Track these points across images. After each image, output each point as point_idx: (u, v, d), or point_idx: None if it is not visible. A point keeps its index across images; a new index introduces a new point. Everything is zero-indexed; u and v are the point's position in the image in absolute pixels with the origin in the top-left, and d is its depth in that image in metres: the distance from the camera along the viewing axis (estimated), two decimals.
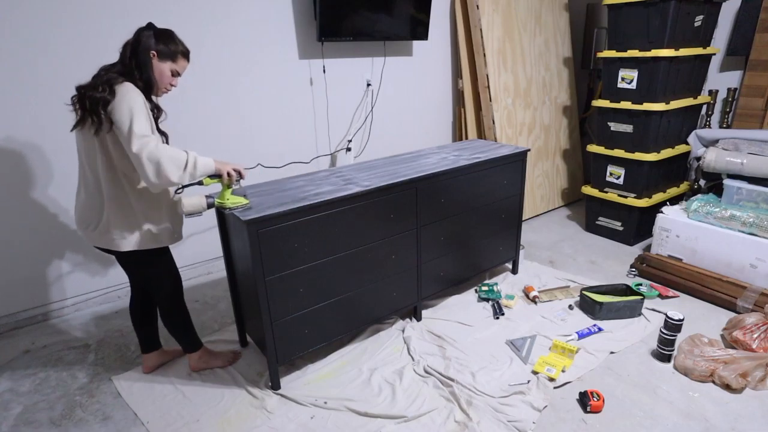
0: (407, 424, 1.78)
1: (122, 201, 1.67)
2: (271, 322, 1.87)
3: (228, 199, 1.79)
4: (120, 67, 1.62)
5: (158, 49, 1.65)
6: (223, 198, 1.79)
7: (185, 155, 1.59)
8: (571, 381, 1.98)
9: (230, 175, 1.75)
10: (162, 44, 1.66)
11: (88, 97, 1.54)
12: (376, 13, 3.10)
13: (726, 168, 2.84)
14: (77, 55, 2.35)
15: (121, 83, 1.57)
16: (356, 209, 1.99)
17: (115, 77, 1.57)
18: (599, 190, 3.42)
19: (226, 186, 1.78)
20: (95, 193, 1.68)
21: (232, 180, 1.76)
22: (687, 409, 1.83)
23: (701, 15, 2.98)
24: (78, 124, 1.60)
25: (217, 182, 1.76)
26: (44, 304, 2.56)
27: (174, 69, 1.71)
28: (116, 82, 1.56)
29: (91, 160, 1.64)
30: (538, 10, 3.74)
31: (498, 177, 2.55)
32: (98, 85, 1.55)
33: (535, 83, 3.77)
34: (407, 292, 2.34)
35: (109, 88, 1.54)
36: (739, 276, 2.58)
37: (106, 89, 1.53)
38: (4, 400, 1.98)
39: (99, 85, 1.55)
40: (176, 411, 1.88)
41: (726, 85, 3.38)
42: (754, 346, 2.05)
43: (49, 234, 2.49)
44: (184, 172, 1.59)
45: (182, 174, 1.59)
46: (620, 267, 3.01)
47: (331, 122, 3.32)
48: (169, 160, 1.54)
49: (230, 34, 2.76)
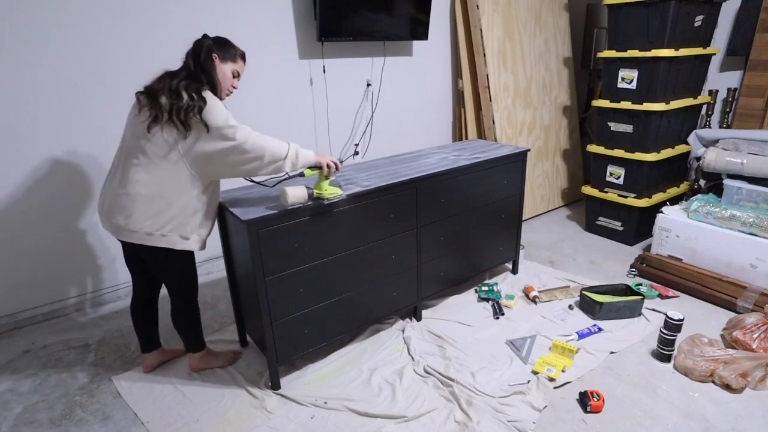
0: (407, 424, 1.78)
1: (186, 201, 1.72)
2: (271, 322, 1.87)
3: (326, 190, 1.86)
4: (185, 73, 1.68)
5: (219, 52, 1.75)
6: (321, 188, 1.85)
7: (287, 146, 1.72)
8: (571, 381, 1.98)
9: (329, 167, 1.84)
10: (221, 47, 1.76)
11: (176, 105, 1.59)
12: (376, 13, 3.10)
13: (726, 168, 2.84)
14: (77, 55, 2.35)
15: (206, 90, 1.66)
16: (356, 209, 1.99)
17: (199, 85, 1.66)
18: (599, 190, 3.42)
19: (324, 177, 1.85)
20: (151, 191, 1.68)
21: (331, 171, 1.85)
22: (687, 409, 1.83)
23: (701, 15, 2.98)
24: (153, 124, 1.62)
25: (317, 173, 1.84)
26: (44, 304, 2.56)
27: (234, 70, 1.81)
28: (203, 89, 1.65)
29: (155, 158, 1.65)
30: (538, 10, 3.74)
31: (498, 177, 2.55)
32: (180, 91, 1.61)
33: (535, 83, 3.77)
34: (407, 292, 2.34)
35: (199, 96, 1.62)
36: (739, 276, 2.58)
37: (198, 98, 1.61)
38: (4, 400, 1.98)
39: (183, 92, 1.61)
40: (176, 411, 1.88)
41: (726, 85, 3.38)
42: (754, 346, 2.05)
43: (48, 234, 2.49)
44: (286, 160, 1.72)
45: (284, 163, 1.72)
46: (620, 267, 3.01)
47: (332, 122, 3.32)
48: (272, 147, 1.69)
49: (230, 34, 2.75)
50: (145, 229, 1.70)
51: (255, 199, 1.90)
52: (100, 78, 2.44)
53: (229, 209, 1.81)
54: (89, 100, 2.44)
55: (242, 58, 1.84)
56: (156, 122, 1.62)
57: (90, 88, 2.43)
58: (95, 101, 2.45)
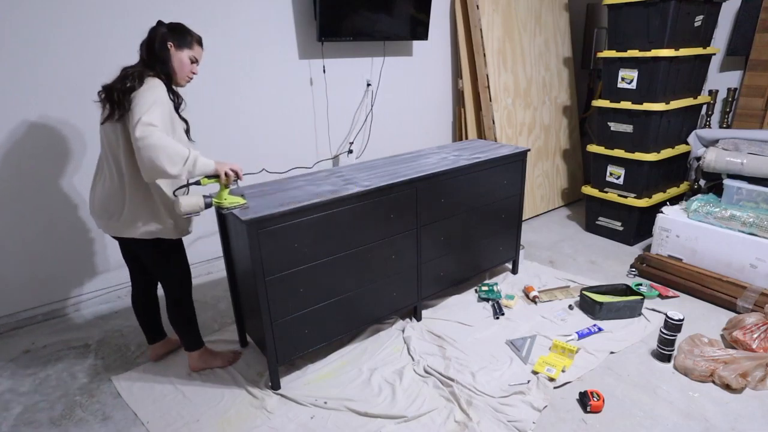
0: (407, 424, 1.78)
1: (146, 192, 1.73)
2: (271, 322, 1.87)
3: (225, 199, 1.79)
4: (141, 65, 1.70)
5: (174, 40, 1.73)
6: (221, 198, 1.79)
7: (186, 151, 1.60)
8: (571, 381, 1.98)
9: (227, 175, 1.75)
10: (177, 35, 1.75)
11: (117, 89, 1.60)
12: (376, 13, 3.10)
13: (726, 168, 2.84)
14: (77, 55, 2.35)
15: (152, 77, 1.66)
16: (356, 209, 1.99)
17: (145, 70, 1.66)
18: (599, 190, 3.42)
19: (224, 186, 1.77)
20: (119, 185, 1.72)
21: (229, 180, 1.76)
22: (687, 409, 1.83)
23: (701, 15, 2.98)
24: (108, 118, 1.65)
25: (215, 182, 1.76)
26: (44, 304, 2.56)
27: (192, 56, 1.79)
28: (146, 74, 1.65)
29: (115, 152, 1.69)
30: (538, 10, 3.74)
31: (498, 177, 2.55)
32: (127, 77, 1.62)
33: (535, 83, 3.77)
34: (407, 292, 2.34)
35: (139, 79, 1.61)
36: (739, 276, 2.58)
37: (135, 80, 1.60)
38: (4, 400, 1.98)
39: (128, 77, 1.61)
40: (176, 411, 1.88)
41: (726, 85, 3.38)
42: (754, 346, 2.05)
43: (48, 234, 2.49)
44: (183, 167, 1.59)
45: (180, 168, 1.59)
46: (620, 267, 3.01)
47: (332, 122, 3.32)
48: (168, 152, 1.54)
49: (230, 34, 2.76)
50: (128, 223, 1.74)
51: (255, 198, 1.90)
52: (100, 78, 2.43)
53: (229, 209, 1.80)
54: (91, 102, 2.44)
55: (199, 44, 1.82)
56: (111, 116, 1.63)
57: (90, 88, 2.43)
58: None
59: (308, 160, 3.29)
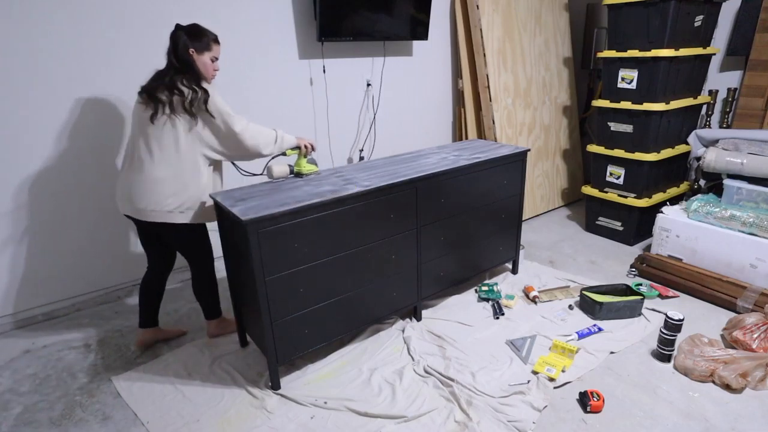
0: (407, 424, 1.78)
1: (199, 183, 1.96)
2: (271, 322, 1.87)
3: (304, 167, 2.16)
4: (173, 70, 1.88)
5: (194, 45, 1.91)
6: (300, 165, 2.16)
7: (274, 133, 2.03)
8: (571, 381, 1.98)
9: (306, 147, 2.15)
10: (196, 40, 1.91)
11: (182, 99, 1.83)
12: (376, 13, 3.10)
13: (726, 168, 2.84)
14: (77, 55, 2.35)
15: (203, 81, 1.91)
16: (356, 209, 1.99)
17: (192, 77, 1.87)
18: (599, 190, 3.42)
19: (303, 156, 2.16)
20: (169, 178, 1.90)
21: (308, 151, 2.17)
22: (687, 409, 1.83)
23: (701, 15, 2.98)
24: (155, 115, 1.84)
25: (296, 153, 2.14)
26: (45, 304, 2.56)
27: (212, 56, 1.97)
28: (200, 81, 1.89)
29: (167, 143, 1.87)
30: (538, 10, 3.74)
31: (498, 177, 2.55)
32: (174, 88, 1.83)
33: (535, 83, 3.77)
34: (407, 292, 2.34)
35: (199, 87, 1.86)
36: (739, 276, 2.58)
37: (196, 90, 1.85)
38: (4, 400, 1.98)
39: (183, 88, 1.83)
40: (176, 411, 1.88)
41: (726, 85, 3.38)
42: (754, 346, 2.05)
43: (48, 234, 2.49)
44: (275, 144, 2.03)
45: (273, 147, 2.03)
46: (620, 267, 3.01)
47: (332, 122, 3.32)
48: (264, 137, 1.99)
49: (230, 34, 2.76)
50: (166, 208, 1.93)
51: (255, 198, 1.90)
52: (100, 78, 2.44)
53: (229, 209, 1.81)
54: (95, 103, 2.44)
55: (216, 42, 1.98)
56: (157, 114, 1.84)
57: (100, 89, 2.43)
58: (99, 105, 2.45)
59: None
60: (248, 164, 2.29)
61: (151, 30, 2.51)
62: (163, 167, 1.89)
